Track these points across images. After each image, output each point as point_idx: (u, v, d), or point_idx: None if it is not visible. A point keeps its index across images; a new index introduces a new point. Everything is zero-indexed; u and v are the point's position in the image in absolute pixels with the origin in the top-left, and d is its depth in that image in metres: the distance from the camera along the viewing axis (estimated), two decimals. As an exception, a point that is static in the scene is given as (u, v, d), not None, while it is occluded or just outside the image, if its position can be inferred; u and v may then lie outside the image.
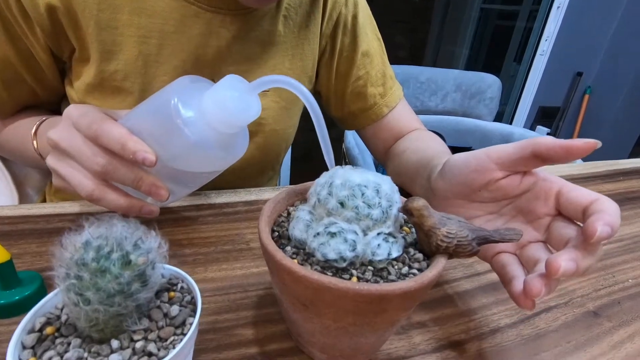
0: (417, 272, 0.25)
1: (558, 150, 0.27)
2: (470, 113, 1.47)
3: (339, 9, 0.55)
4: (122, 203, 0.34)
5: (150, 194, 0.33)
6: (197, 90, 0.32)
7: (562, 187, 0.28)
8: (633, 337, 0.34)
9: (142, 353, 0.21)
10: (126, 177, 0.32)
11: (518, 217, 0.31)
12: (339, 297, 0.22)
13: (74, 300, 0.20)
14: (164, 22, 0.43)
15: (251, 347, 0.29)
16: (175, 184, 0.36)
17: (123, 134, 0.31)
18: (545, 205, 0.29)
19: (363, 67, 0.58)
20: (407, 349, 0.31)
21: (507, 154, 0.29)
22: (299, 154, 1.70)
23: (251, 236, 0.42)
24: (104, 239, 0.21)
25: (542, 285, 0.24)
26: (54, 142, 0.33)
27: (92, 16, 0.41)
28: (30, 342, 0.21)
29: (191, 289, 0.25)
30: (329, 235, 0.24)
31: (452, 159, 0.34)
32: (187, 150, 0.31)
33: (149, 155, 0.30)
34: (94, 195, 0.33)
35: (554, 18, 2.03)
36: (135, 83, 0.45)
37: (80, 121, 0.32)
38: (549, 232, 0.29)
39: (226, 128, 0.32)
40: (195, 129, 0.30)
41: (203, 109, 0.31)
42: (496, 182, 0.30)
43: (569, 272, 0.23)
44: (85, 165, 0.32)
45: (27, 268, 0.34)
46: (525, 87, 2.23)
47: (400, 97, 0.62)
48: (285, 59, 0.52)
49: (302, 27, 0.53)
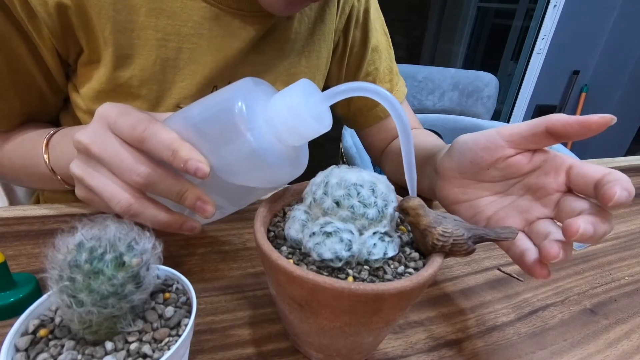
0: (413, 271, 0.25)
1: (574, 125, 0.26)
2: (467, 112, 1.47)
3: (352, 2, 0.54)
4: (163, 219, 0.29)
5: (195, 209, 0.29)
6: (262, 94, 0.28)
7: (573, 163, 0.28)
8: (629, 335, 0.34)
9: (137, 355, 0.21)
10: (171, 189, 0.28)
11: (526, 195, 0.31)
12: (335, 297, 0.21)
13: (67, 302, 0.20)
14: (182, 24, 0.41)
15: (247, 348, 0.29)
16: (223, 199, 0.32)
17: (175, 139, 0.26)
18: (556, 181, 0.29)
19: (372, 62, 0.57)
20: (404, 348, 0.31)
21: (519, 131, 0.29)
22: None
23: (248, 236, 0.42)
24: (97, 240, 0.21)
25: (559, 249, 0.24)
26: (84, 145, 0.28)
27: (109, 17, 0.38)
28: (23, 344, 0.21)
29: (186, 290, 0.25)
30: (325, 235, 0.24)
31: (460, 139, 0.33)
32: (246, 159, 0.26)
33: (202, 165, 0.26)
34: (131, 210, 0.28)
35: (550, 17, 2.04)
36: (152, 90, 0.43)
37: (121, 121, 0.28)
38: (559, 208, 0.28)
39: (294, 138, 0.27)
40: (260, 136, 0.26)
41: (271, 115, 0.27)
42: (506, 160, 0.30)
43: (587, 235, 0.23)
44: (124, 174, 0.28)
45: (22, 270, 0.34)
46: (522, 86, 2.24)
47: (405, 93, 0.61)
48: (302, 57, 0.51)
49: (316, 22, 0.51)
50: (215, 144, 0.27)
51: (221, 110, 0.27)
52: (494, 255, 0.44)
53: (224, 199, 0.32)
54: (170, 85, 0.43)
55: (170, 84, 0.43)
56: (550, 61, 2.13)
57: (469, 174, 0.32)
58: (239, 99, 0.26)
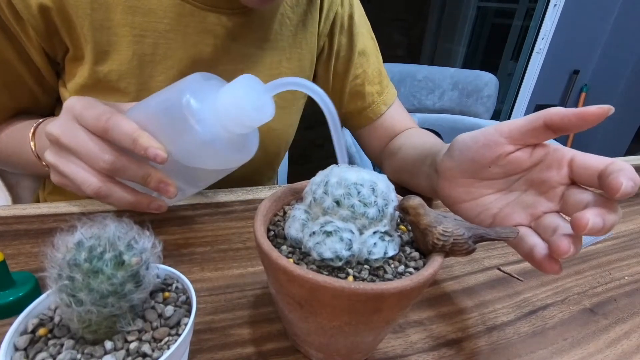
0: (413, 270, 0.25)
1: (572, 118, 0.26)
2: (467, 111, 1.47)
3: (336, 8, 0.55)
4: (130, 199, 0.33)
5: (159, 190, 0.32)
6: (210, 88, 0.31)
7: (575, 155, 0.28)
8: (629, 335, 0.34)
9: (136, 354, 0.21)
10: (135, 174, 0.32)
11: (530, 191, 0.31)
12: (334, 296, 0.21)
13: (67, 301, 0.20)
14: (158, 20, 0.43)
15: (247, 347, 0.29)
16: (182, 181, 0.35)
17: (135, 129, 0.30)
18: (558, 174, 0.29)
19: (360, 65, 0.58)
20: (404, 348, 0.31)
21: (518, 127, 0.29)
22: (296, 154, 1.70)
23: (248, 235, 0.42)
24: (97, 239, 0.21)
25: (569, 243, 0.24)
26: (55, 136, 0.32)
27: (86, 16, 0.40)
28: (22, 343, 0.21)
29: (186, 289, 0.25)
30: (325, 234, 0.24)
31: (459, 138, 0.33)
32: (198, 147, 0.30)
33: (160, 152, 0.29)
34: (101, 193, 0.32)
35: (550, 16, 2.04)
36: (130, 83, 0.44)
37: (86, 113, 0.31)
38: (564, 201, 0.28)
39: (239, 128, 0.31)
40: (207, 127, 0.30)
41: (217, 107, 0.30)
42: (506, 156, 0.30)
43: (597, 228, 0.23)
44: (91, 161, 0.31)
45: (22, 269, 0.34)
46: (522, 85, 2.24)
47: (395, 94, 0.62)
48: (283, 59, 0.52)
49: (299, 26, 0.52)
50: (169, 133, 0.31)
51: (171, 102, 0.30)
52: (494, 254, 0.43)
53: (182, 181, 0.35)
54: (149, 79, 0.45)
55: (148, 78, 0.45)
56: (550, 61, 2.13)
57: (470, 173, 0.32)
58: (187, 92, 0.30)
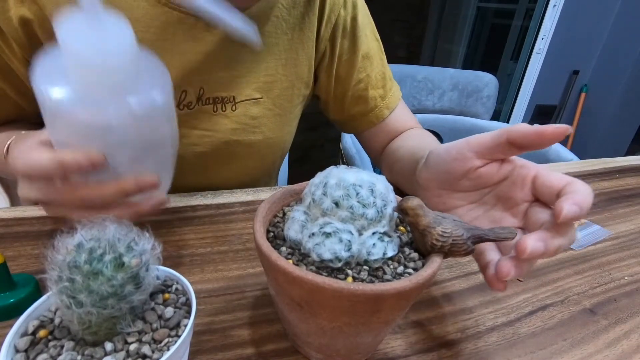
0: (412, 271, 0.25)
1: (531, 136, 0.27)
2: (467, 112, 1.47)
3: (338, 11, 0.54)
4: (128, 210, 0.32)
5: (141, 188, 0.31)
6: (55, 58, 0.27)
7: (537, 172, 0.29)
8: (629, 335, 0.34)
9: (136, 355, 0.21)
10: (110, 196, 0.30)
11: (498, 205, 0.31)
12: (334, 297, 0.21)
13: (67, 303, 0.20)
14: (145, 30, 0.42)
15: (247, 348, 0.29)
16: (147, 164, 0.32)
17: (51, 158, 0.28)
18: (522, 191, 0.29)
19: (364, 69, 0.57)
20: (404, 348, 0.31)
21: (484, 143, 0.30)
22: (296, 156, 1.70)
23: (248, 237, 0.42)
24: (97, 241, 0.21)
25: (511, 266, 0.25)
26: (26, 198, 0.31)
27: None
28: (23, 345, 0.21)
29: (186, 291, 0.25)
30: (324, 235, 0.24)
31: (435, 149, 0.34)
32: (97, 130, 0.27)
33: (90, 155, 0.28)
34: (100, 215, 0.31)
35: (550, 17, 2.04)
36: None
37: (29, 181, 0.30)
38: (526, 218, 0.29)
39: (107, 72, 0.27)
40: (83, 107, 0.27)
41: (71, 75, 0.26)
42: (476, 170, 0.31)
43: (537, 253, 0.23)
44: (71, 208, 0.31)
45: (22, 271, 0.34)
46: (522, 86, 2.24)
47: (399, 97, 0.61)
48: (279, 65, 0.51)
49: (295, 29, 0.51)
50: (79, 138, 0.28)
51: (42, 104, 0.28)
52: (493, 255, 0.43)
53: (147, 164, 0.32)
54: None
55: None
56: (550, 61, 2.13)
57: (445, 184, 0.33)
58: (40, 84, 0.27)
